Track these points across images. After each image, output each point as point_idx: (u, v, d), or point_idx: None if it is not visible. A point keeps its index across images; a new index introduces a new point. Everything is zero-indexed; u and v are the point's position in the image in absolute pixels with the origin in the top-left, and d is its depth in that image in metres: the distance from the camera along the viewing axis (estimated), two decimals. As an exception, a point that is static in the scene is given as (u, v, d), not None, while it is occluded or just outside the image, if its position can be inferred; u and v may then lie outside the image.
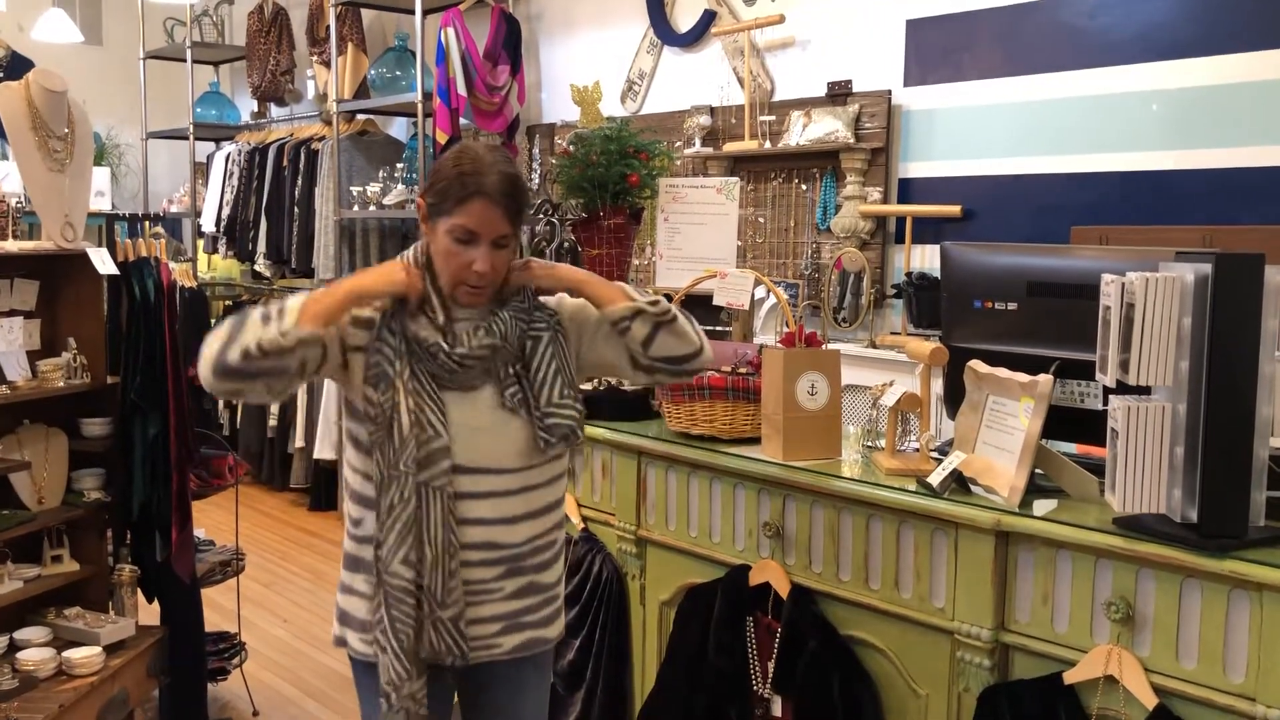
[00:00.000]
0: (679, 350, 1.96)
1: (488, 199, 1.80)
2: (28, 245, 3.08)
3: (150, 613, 3.37)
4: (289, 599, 4.77)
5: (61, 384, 3.07)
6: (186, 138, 7.45)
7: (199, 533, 3.60)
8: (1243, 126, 3.63)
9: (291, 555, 5.39)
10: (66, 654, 2.92)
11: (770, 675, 2.28)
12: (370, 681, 1.95)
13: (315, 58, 6.83)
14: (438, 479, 1.83)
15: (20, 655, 2.89)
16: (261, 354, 1.76)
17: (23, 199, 3.27)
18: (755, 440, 2.47)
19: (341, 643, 2.00)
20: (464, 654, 1.86)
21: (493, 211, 1.80)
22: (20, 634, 2.98)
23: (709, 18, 5.22)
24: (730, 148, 4.97)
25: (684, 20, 5.37)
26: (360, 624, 1.94)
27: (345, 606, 1.98)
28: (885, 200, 4.55)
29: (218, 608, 4.16)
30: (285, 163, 6.54)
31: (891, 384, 2.37)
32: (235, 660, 3.71)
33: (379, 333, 1.86)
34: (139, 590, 3.29)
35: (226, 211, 6.87)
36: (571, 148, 3.25)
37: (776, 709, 2.30)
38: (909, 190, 4.52)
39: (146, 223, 7.49)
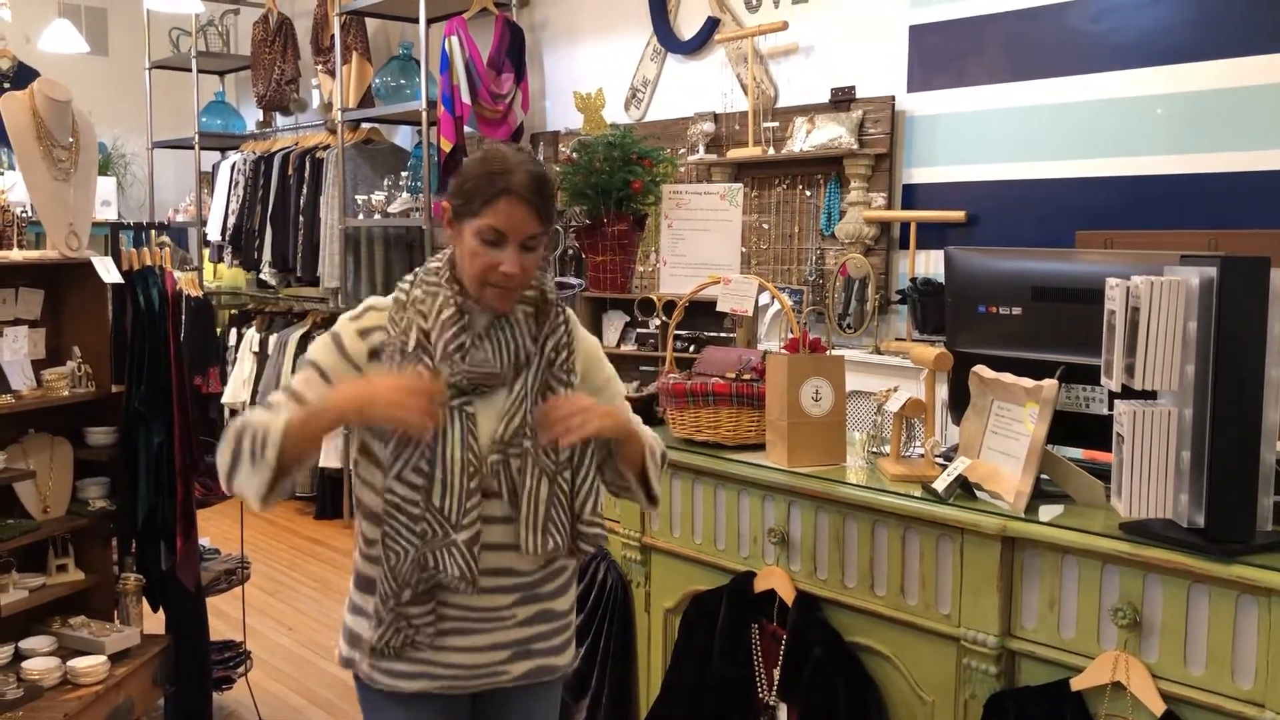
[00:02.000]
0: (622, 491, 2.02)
1: (516, 197, 1.74)
2: (32, 254, 3.08)
3: (155, 621, 3.37)
4: (294, 607, 4.76)
5: (66, 393, 3.08)
6: (192, 147, 7.47)
7: (204, 541, 3.60)
8: (1248, 130, 3.62)
9: (297, 564, 5.39)
10: (71, 663, 2.92)
11: (775, 682, 2.27)
12: (372, 705, 1.92)
13: (320, 67, 6.85)
14: (454, 400, 1.76)
15: (25, 664, 2.89)
16: (264, 496, 1.75)
17: (28, 208, 3.28)
18: (759, 446, 2.47)
19: (349, 664, 1.92)
20: (475, 580, 1.77)
21: (521, 210, 1.75)
22: (25, 643, 2.98)
23: (712, 25, 5.22)
24: (734, 154, 4.97)
25: (687, 27, 5.38)
26: (372, 646, 1.85)
27: (355, 628, 1.91)
28: (889, 206, 4.55)
29: (223, 616, 4.16)
30: (290, 172, 6.55)
31: (896, 390, 2.37)
32: (241, 669, 3.70)
33: (406, 359, 1.77)
34: (144, 599, 3.29)
35: (232, 220, 6.88)
36: (575, 155, 3.26)
37: (782, 716, 2.29)
38: (913, 196, 4.52)
39: (152, 232, 7.50)
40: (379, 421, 1.74)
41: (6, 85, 7.15)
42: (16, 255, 3.04)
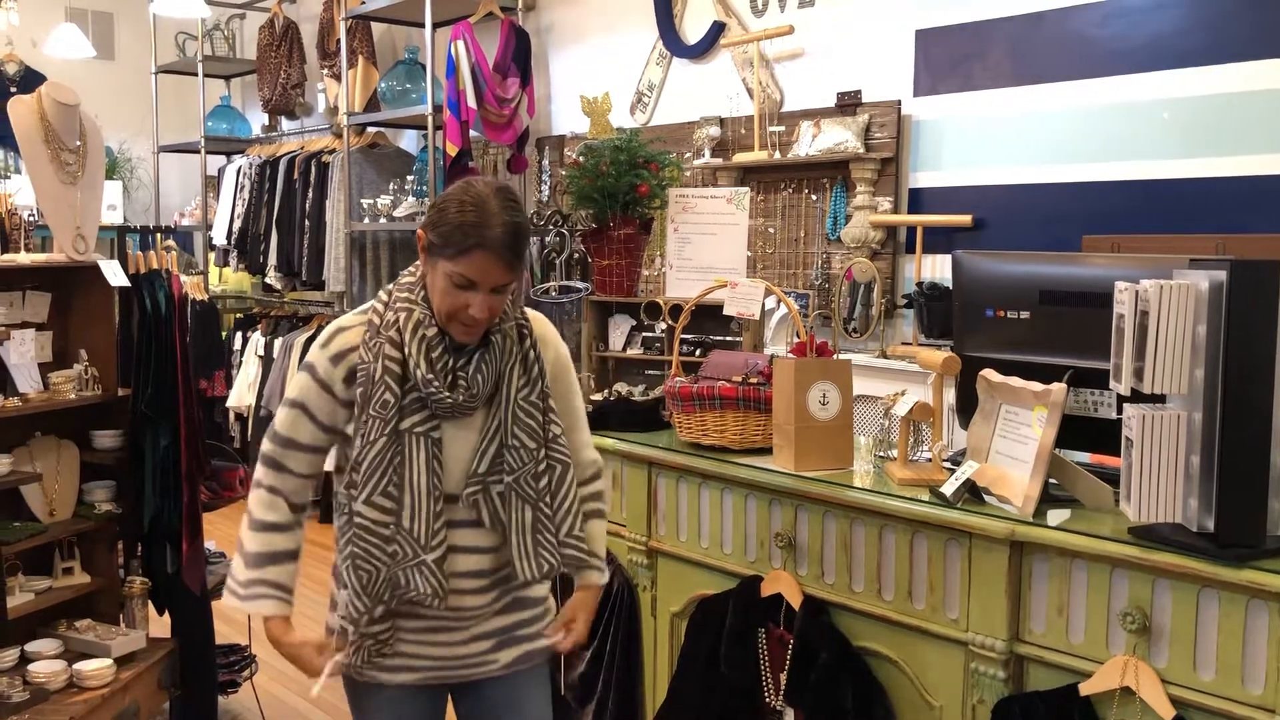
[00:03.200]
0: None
1: (488, 251, 1.77)
2: (39, 258, 3.09)
3: (161, 625, 3.37)
4: (298, 610, 4.72)
5: (73, 396, 3.08)
6: (198, 151, 7.48)
7: (209, 545, 3.59)
8: (1254, 134, 3.62)
9: (301, 567, 5.38)
10: (77, 666, 2.92)
11: (782, 687, 2.27)
12: (356, 696, 2.03)
13: (326, 71, 6.86)
14: (420, 425, 1.83)
15: (31, 667, 2.89)
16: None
17: (35, 212, 3.29)
18: (766, 450, 2.47)
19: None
20: (444, 595, 1.86)
21: (493, 264, 1.78)
22: (31, 646, 2.98)
23: (718, 29, 5.23)
24: (740, 158, 4.97)
25: (693, 31, 5.38)
26: (350, 648, 1.94)
27: (331, 624, 2.01)
28: (895, 210, 4.54)
29: (228, 620, 4.15)
30: (296, 176, 6.56)
31: (903, 394, 2.36)
32: (246, 673, 3.70)
33: (374, 385, 1.83)
34: (150, 602, 3.29)
35: (238, 224, 6.89)
36: (581, 159, 3.25)
37: (789, 721, 2.28)
38: (919, 200, 4.51)
39: (158, 235, 7.51)
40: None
41: (13, 89, 7.17)
42: (24, 258, 3.05)
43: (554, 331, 2.05)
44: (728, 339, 3.11)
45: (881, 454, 2.47)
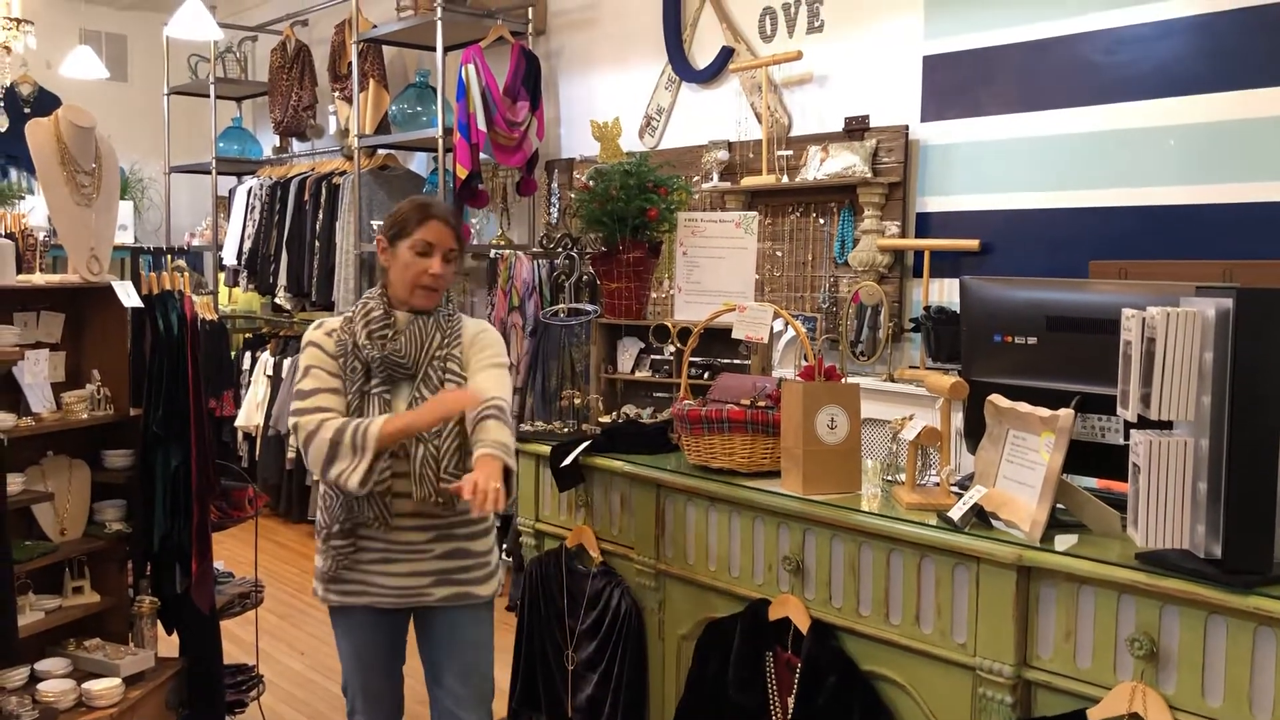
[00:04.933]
0: None
1: (440, 220, 2.44)
2: (54, 278, 3.12)
3: (170, 644, 3.38)
4: (306, 631, 4.76)
5: (85, 416, 3.10)
6: (209, 172, 7.54)
7: (218, 564, 3.61)
8: (1261, 161, 3.63)
9: (308, 587, 5.38)
10: (86, 685, 2.93)
11: (790, 711, 2.27)
12: (336, 621, 2.54)
13: (337, 93, 6.92)
14: (377, 388, 2.40)
15: (40, 686, 2.90)
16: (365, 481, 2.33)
17: (49, 232, 3.31)
18: (775, 474, 2.47)
19: (316, 593, 2.54)
20: (387, 521, 2.39)
21: (444, 230, 2.43)
22: (41, 665, 2.99)
23: (727, 54, 5.26)
24: (748, 182, 4.99)
25: (702, 57, 5.42)
26: (322, 574, 2.49)
27: (318, 563, 2.52)
28: (903, 234, 4.56)
29: (236, 640, 4.16)
30: (306, 197, 6.61)
31: (911, 418, 2.37)
32: (253, 692, 3.70)
33: (348, 357, 2.42)
34: (159, 622, 3.30)
35: (248, 245, 6.93)
36: (591, 182, 3.27)
37: (796, 745, 2.28)
38: (926, 224, 4.53)
39: (169, 256, 7.57)
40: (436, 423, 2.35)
41: (27, 110, 7.24)
42: (39, 279, 3.08)
43: (485, 325, 2.56)
44: (736, 362, 3.12)
45: (889, 478, 2.48)
